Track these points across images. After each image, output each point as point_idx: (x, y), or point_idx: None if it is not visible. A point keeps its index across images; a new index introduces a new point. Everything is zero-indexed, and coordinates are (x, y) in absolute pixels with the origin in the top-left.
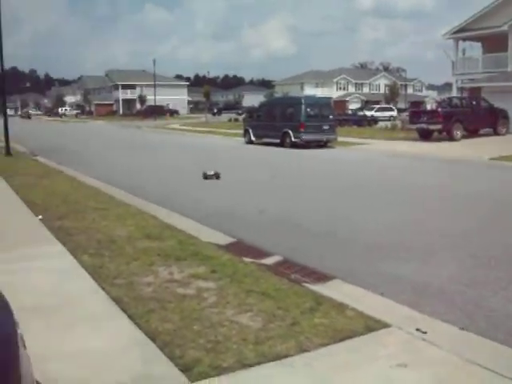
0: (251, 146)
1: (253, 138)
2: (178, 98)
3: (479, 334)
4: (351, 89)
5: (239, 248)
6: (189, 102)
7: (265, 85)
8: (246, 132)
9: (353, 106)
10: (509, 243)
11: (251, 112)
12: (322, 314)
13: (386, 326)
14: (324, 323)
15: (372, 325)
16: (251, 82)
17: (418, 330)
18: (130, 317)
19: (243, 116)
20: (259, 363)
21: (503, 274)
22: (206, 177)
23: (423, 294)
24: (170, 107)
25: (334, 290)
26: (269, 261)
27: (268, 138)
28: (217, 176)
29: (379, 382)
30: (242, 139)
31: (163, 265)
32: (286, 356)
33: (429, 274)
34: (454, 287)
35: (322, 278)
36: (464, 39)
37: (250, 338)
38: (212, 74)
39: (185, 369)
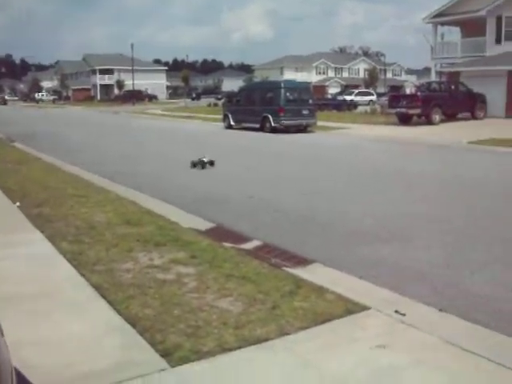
0: (230, 131)
1: (232, 123)
2: (156, 83)
3: (458, 316)
4: (331, 73)
5: (219, 233)
6: (167, 87)
7: (244, 69)
8: (226, 117)
9: (332, 90)
10: (487, 225)
11: (230, 97)
12: (302, 298)
13: (365, 308)
14: (304, 306)
15: (351, 307)
16: (230, 67)
17: (396, 312)
18: (110, 303)
19: (222, 101)
20: (240, 347)
21: (484, 256)
22: (195, 164)
23: (403, 276)
24: (149, 92)
25: (313, 274)
26: (249, 245)
27: (247, 122)
28: (210, 163)
29: (358, 363)
30: (222, 124)
31: (143, 250)
32: (266, 339)
33: (410, 258)
34: (435, 270)
35: (302, 261)
36: (443, 24)
37: (231, 323)
38: (191, 59)
39: (165, 354)
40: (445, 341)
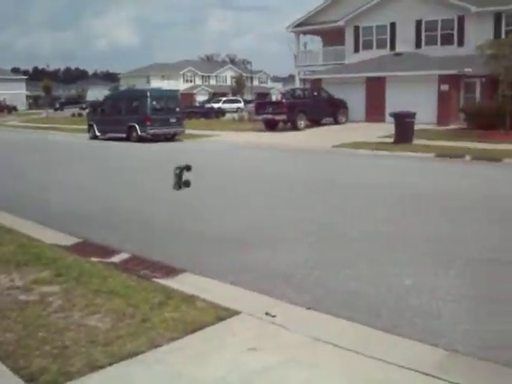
0: (95, 142)
1: (97, 134)
2: (15, 93)
3: (326, 313)
4: (198, 81)
5: (86, 248)
6: (28, 97)
7: (110, 78)
8: (91, 127)
9: (200, 98)
10: (344, 222)
11: (95, 106)
12: (173, 308)
13: (236, 313)
14: (175, 317)
15: (222, 314)
16: (95, 75)
17: (267, 314)
18: None
19: (87, 110)
20: (110, 364)
21: (347, 255)
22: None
23: (273, 279)
24: (7, 103)
25: (184, 283)
26: (117, 258)
27: (113, 132)
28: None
29: (230, 368)
30: (87, 135)
31: (3, 272)
32: (137, 353)
33: (279, 261)
34: (302, 271)
35: (172, 271)
36: (305, 33)
37: (100, 340)
38: (53, 67)
39: (30, 379)
40: (314, 338)
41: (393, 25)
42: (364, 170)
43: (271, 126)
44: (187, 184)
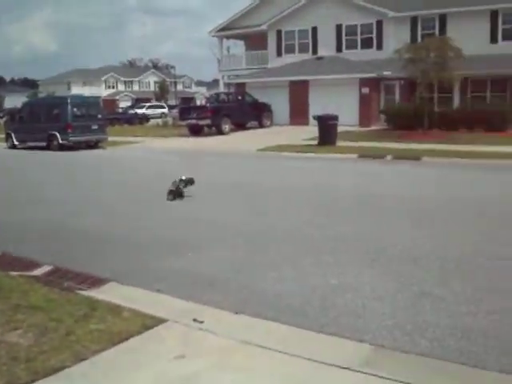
0: (13, 152)
1: (16, 143)
2: None
3: (254, 316)
4: (121, 87)
5: (5, 261)
6: None
7: (28, 84)
8: (8, 136)
9: (123, 104)
10: (272, 224)
11: (13, 114)
12: (98, 320)
13: (162, 321)
14: (100, 328)
15: (149, 322)
16: (13, 82)
17: (195, 320)
18: None
19: (4, 119)
20: (33, 381)
21: (271, 257)
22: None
23: (199, 284)
24: None
25: (109, 294)
26: (39, 271)
27: (33, 141)
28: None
29: (158, 377)
30: (4, 144)
31: None
32: (61, 368)
33: (205, 266)
34: (228, 275)
35: (97, 282)
36: (228, 37)
37: (22, 356)
38: None
39: None
40: (242, 342)
41: (314, 29)
42: (288, 173)
43: (196, 131)
44: (181, 195)
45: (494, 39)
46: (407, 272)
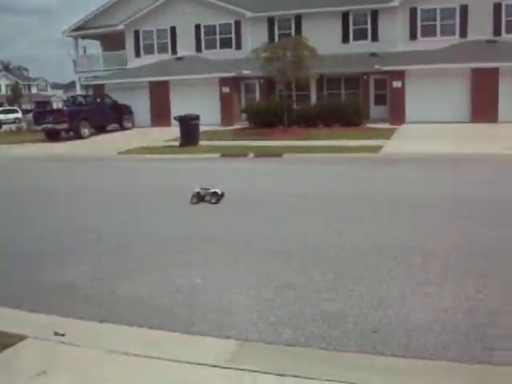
0: None
1: None
2: None
3: (118, 323)
4: None
5: None
6: None
7: None
8: None
9: None
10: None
11: None
12: None
13: (22, 338)
14: None
15: (7, 341)
16: None
17: (56, 333)
18: None
19: None
20: None
21: (128, 262)
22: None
23: (65, 295)
24: None
25: None
26: None
27: None
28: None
29: None
30: None
31: None
32: None
33: (69, 276)
34: (91, 282)
35: None
36: (84, 37)
37: None
38: None
39: None
40: (107, 351)
41: (173, 29)
42: (148, 175)
43: (53, 135)
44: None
45: (345, 39)
46: (271, 266)
